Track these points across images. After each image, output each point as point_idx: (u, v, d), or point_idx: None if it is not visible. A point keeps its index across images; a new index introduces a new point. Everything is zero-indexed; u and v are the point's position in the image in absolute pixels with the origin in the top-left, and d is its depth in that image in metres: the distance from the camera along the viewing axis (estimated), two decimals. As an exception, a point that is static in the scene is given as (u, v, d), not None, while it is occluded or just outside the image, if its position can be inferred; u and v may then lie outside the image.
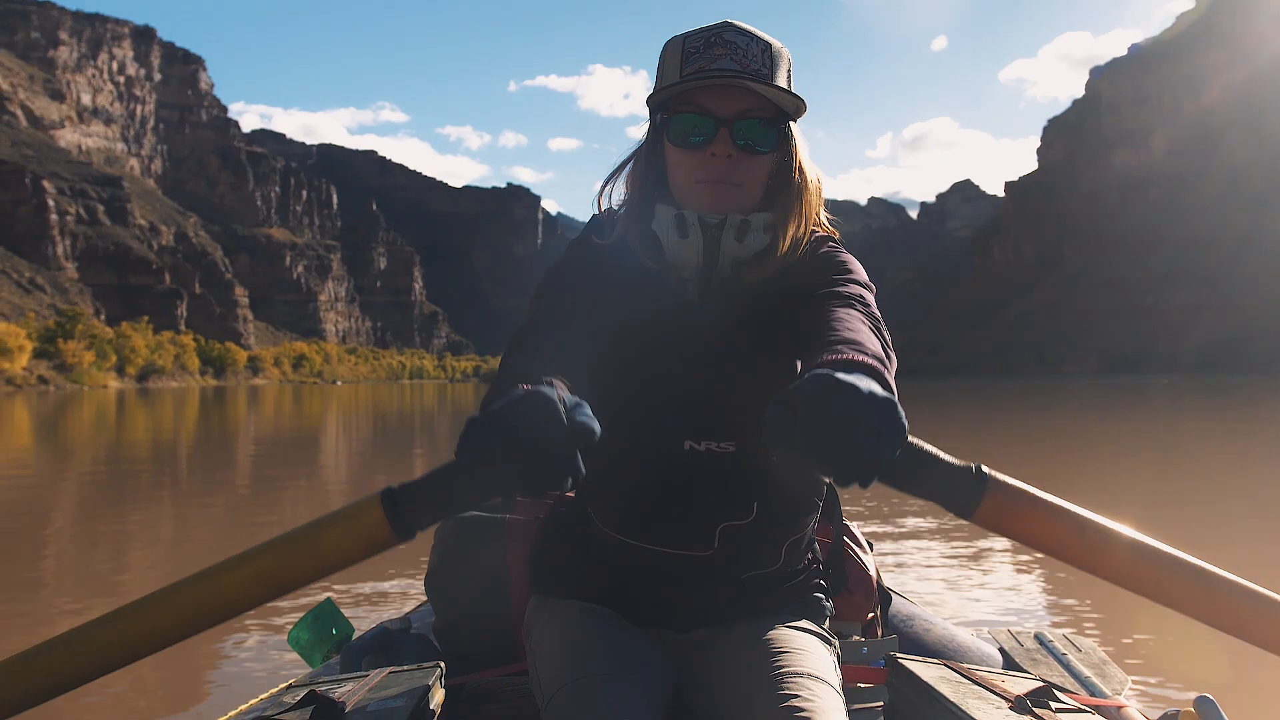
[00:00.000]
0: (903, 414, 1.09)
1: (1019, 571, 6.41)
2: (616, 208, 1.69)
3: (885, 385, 1.19)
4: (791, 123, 1.60)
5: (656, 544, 1.62)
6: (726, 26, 1.55)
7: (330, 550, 1.23)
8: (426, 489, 1.23)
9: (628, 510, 1.64)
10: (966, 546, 7.18)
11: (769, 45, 1.56)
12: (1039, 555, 6.94)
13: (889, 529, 7.90)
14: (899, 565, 6.53)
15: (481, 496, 1.23)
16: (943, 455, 1.18)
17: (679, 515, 1.61)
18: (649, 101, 1.61)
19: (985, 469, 1.19)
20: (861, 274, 1.59)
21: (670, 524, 1.62)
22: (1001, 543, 7.35)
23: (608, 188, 1.69)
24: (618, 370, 1.56)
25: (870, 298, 1.55)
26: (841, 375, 1.09)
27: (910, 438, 1.15)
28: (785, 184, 1.61)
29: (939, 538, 7.58)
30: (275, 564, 1.23)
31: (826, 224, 1.69)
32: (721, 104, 1.52)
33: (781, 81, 1.55)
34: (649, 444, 1.61)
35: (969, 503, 1.18)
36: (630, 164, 1.67)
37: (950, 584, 5.98)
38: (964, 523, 8.02)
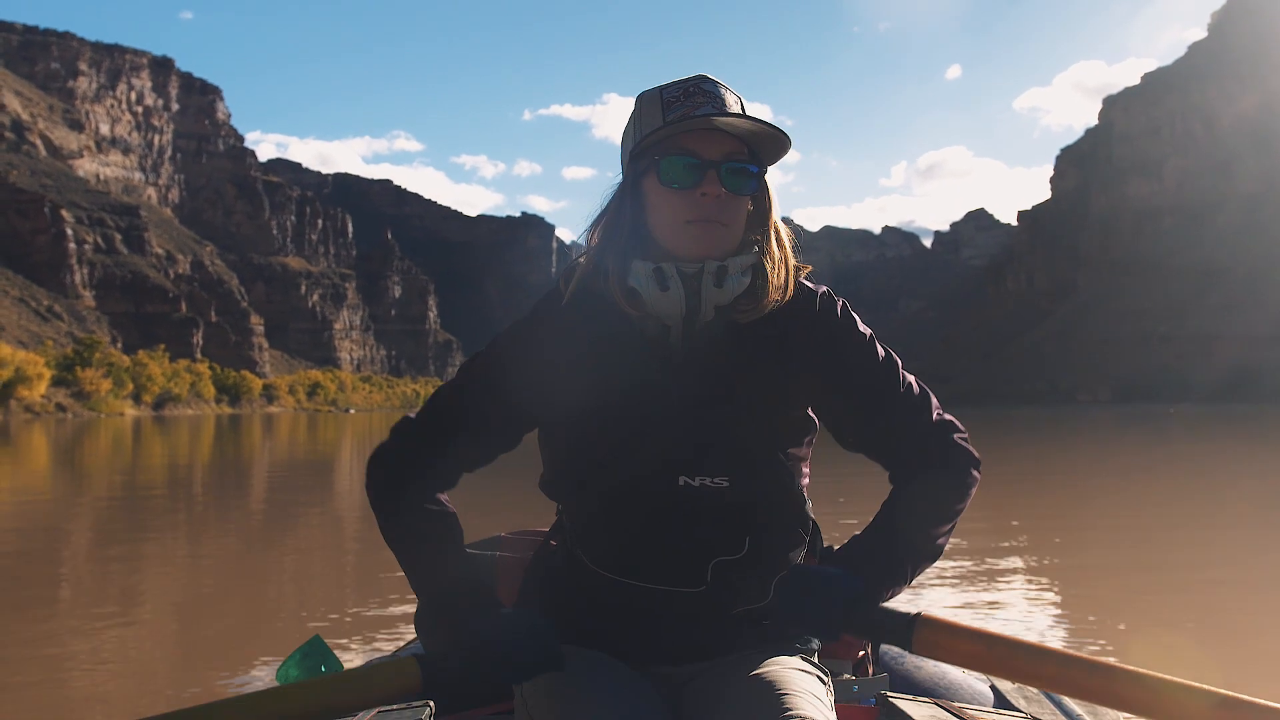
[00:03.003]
0: (858, 591, 1.50)
1: (1013, 609, 6.53)
2: (579, 261, 1.70)
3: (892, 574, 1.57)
4: (766, 170, 1.65)
5: (648, 581, 1.65)
6: (702, 79, 1.62)
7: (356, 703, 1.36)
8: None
9: (620, 548, 1.66)
10: (967, 586, 7.31)
11: (739, 98, 1.63)
12: (1036, 596, 7.09)
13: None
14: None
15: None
16: (889, 608, 1.51)
17: (672, 552, 1.64)
18: (631, 151, 1.64)
19: (922, 614, 1.48)
20: (862, 324, 1.70)
21: (663, 561, 1.64)
22: (999, 583, 7.49)
23: (587, 240, 1.71)
24: (608, 413, 1.62)
25: (881, 350, 1.70)
26: (828, 572, 1.51)
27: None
28: (761, 227, 1.67)
29: (937, 577, 7.72)
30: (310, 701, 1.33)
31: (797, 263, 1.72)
32: (708, 147, 1.58)
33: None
34: (643, 481, 1.63)
35: (906, 638, 1.47)
36: (602, 217, 1.69)
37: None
38: (964, 563, 8.24)
